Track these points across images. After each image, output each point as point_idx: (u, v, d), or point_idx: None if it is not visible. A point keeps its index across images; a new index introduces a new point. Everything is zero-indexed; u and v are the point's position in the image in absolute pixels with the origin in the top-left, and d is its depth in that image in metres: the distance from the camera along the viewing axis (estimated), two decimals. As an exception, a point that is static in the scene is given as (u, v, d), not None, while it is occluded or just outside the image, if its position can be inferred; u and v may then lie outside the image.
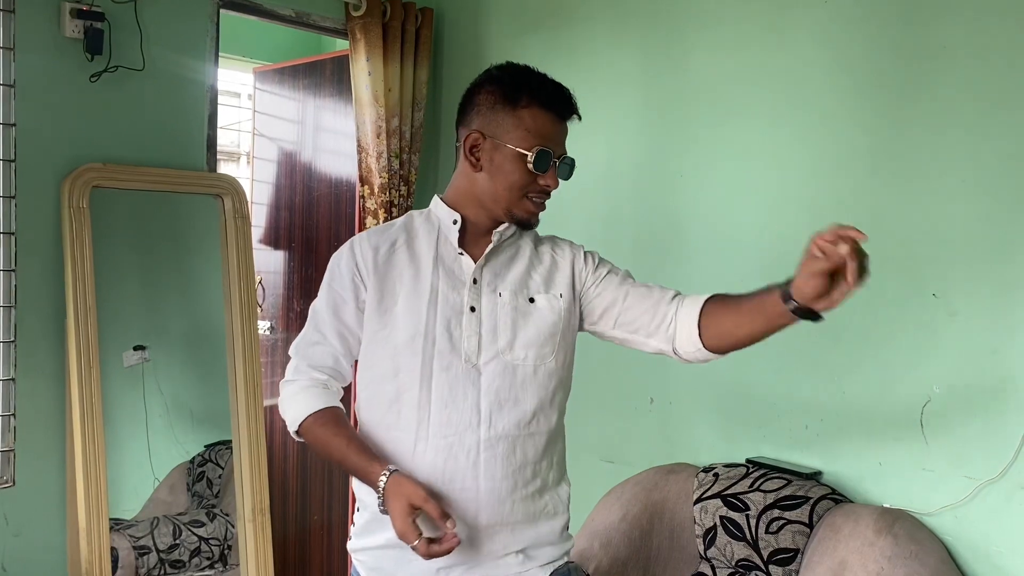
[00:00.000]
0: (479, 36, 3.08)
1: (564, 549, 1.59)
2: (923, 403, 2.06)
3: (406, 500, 1.35)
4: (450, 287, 1.52)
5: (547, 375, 1.53)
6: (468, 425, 1.47)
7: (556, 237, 1.66)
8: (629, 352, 2.67)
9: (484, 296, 1.52)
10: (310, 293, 3.29)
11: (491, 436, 1.47)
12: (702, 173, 2.49)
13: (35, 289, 2.40)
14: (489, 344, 1.50)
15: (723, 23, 2.44)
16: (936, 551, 1.95)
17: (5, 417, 2.39)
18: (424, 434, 1.47)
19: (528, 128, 1.48)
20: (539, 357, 1.52)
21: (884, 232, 2.13)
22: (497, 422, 1.48)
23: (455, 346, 1.49)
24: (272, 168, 3.59)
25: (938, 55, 2.04)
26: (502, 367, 1.49)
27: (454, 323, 1.49)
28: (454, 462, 1.46)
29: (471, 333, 1.49)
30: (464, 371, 1.48)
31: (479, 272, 1.53)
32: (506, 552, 1.50)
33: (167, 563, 2.71)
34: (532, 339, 1.51)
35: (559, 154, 1.52)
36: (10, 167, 2.35)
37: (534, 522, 1.52)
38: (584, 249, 1.64)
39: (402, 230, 1.59)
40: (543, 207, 1.56)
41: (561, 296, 1.56)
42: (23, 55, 2.34)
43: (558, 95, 1.52)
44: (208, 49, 2.72)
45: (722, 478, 2.22)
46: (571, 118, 1.54)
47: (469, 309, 1.51)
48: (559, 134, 1.53)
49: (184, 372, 2.88)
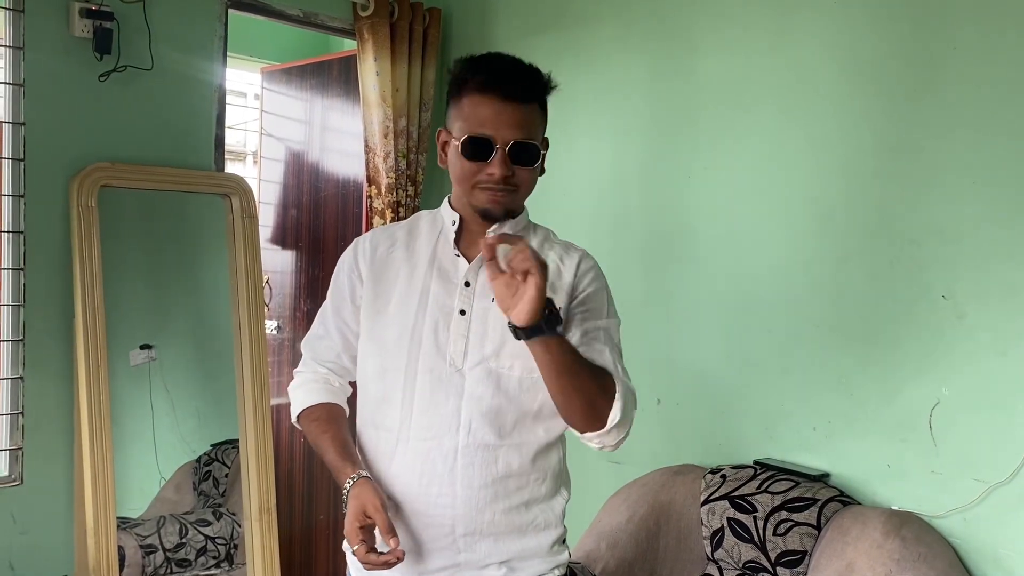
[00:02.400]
0: (487, 36, 3.08)
1: (554, 563, 1.54)
2: (932, 405, 2.05)
3: (360, 506, 1.36)
4: (443, 289, 1.49)
5: (532, 388, 1.46)
6: (447, 430, 1.44)
7: (571, 244, 1.57)
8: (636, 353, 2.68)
9: (476, 300, 1.48)
10: (317, 293, 3.29)
11: (469, 443, 1.44)
12: (710, 175, 2.49)
13: (44, 288, 2.41)
14: (475, 349, 1.46)
15: (731, 24, 2.44)
16: (945, 554, 1.94)
17: (13, 416, 2.40)
18: (405, 436, 1.47)
19: (465, 116, 1.41)
20: (526, 369, 1.44)
21: (892, 233, 2.13)
22: (477, 430, 1.44)
23: (440, 349, 1.46)
24: (279, 168, 3.59)
25: (948, 56, 2.04)
26: (486, 374, 1.45)
27: (442, 325, 1.47)
28: (431, 466, 1.45)
29: (458, 336, 1.46)
30: (448, 375, 1.45)
31: (473, 275, 1.49)
32: (488, 563, 1.47)
33: (173, 562, 2.72)
34: (520, 349, 1.41)
35: (506, 138, 1.39)
36: (19, 166, 2.36)
37: (520, 535, 1.49)
38: (593, 271, 1.53)
39: (405, 229, 1.58)
40: (499, 196, 1.43)
41: (559, 309, 1.47)
42: (33, 54, 2.35)
43: (499, 75, 1.40)
44: (216, 49, 2.73)
45: (729, 479, 2.22)
46: (524, 97, 1.40)
47: (459, 312, 1.47)
48: (502, 117, 1.39)
49: (190, 371, 2.88)
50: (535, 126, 1.44)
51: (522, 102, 1.41)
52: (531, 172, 1.44)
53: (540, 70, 1.45)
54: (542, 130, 1.47)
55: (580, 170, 2.79)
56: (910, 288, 2.09)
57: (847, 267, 2.21)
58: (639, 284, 2.62)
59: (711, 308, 2.48)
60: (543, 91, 1.45)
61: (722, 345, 2.46)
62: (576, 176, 2.80)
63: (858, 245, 2.19)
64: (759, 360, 2.39)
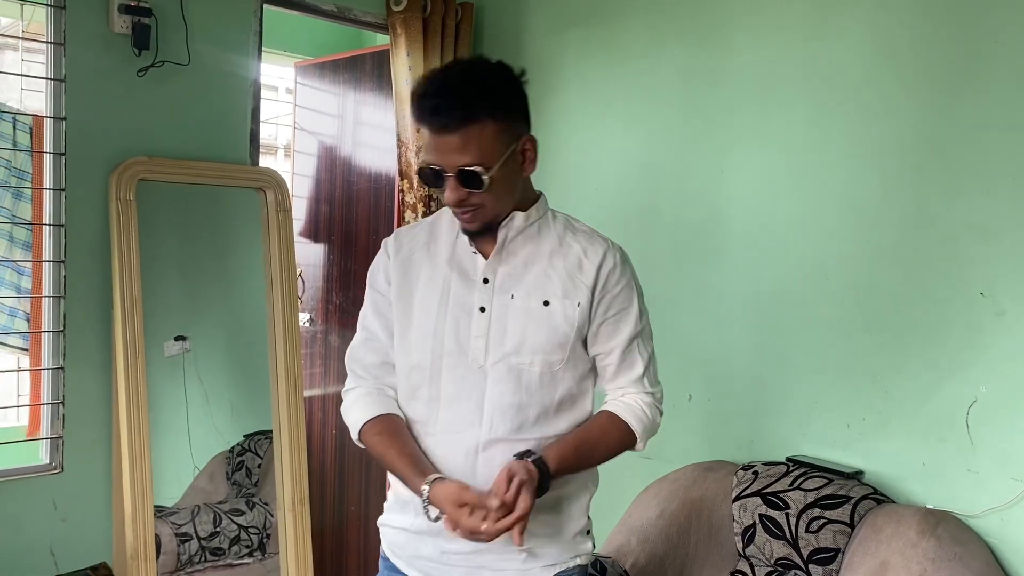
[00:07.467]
0: (519, 31, 3.08)
1: (574, 552, 1.56)
2: (969, 403, 2.03)
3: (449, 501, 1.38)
4: (463, 286, 1.51)
5: (552, 383, 1.49)
6: (470, 425, 1.48)
7: (595, 234, 1.56)
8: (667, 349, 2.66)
9: (496, 297, 1.49)
10: (349, 286, 3.31)
11: (491, 439, 1.47)
12: (743, 168, 2.47)
13: (83, 280, 2.45)
14: (496, 346, 1.48)
15: (764, 14, 2.41)
16: (981, 553, 1.92)
17: (54, 405, 2.45)
18: (432, 429, 1.51)
19: (423, 144, 1.46)
20: (546, 364, 1.48)
21: (930, 229, 2.10)
22: (498, 426, 1.47)
23: (462, 346, 1.49)
24: (312, 162, 3.62)
25: (989, 50, 2.00)
26: (507, 370, 1.47)
27: (463, 323, 1.49)
28: (453, 460, 1.48)
29: (479, 334, 1.48)
30: (470, 371, 1.48)
31: (491, 272, 1.50)
32: (509, 548, 1.49)
33: (208, 550, 2.76)
34: (541, 345, 1.47)
35: (451, 165, 1.39)
36: (60, 160, 2.40)
37: (543, 525, 1.51)
38: (619, 267, 1.52)
39: (427, 227, 1.60)
40: (465, 217, 1.46)
41: (579, 305, 1.49)
42: (73, 50, 2.39)
43: (426, 110, 1.38)
44: (251, 44, 2.75)
45: (762, 476, 2.21)
46: (458, 125, 1.36)
47: (479, 309, 1.49)
48: (442, 146, 1.39)
49: (224, 363, 2.92)
50: (481, 147, 1.39)
51: (456, 130, 1.37)
52: (489, 191, 1.41)
53: (486, 79, 1.41)
54: (502, 140, 1.41)
55: (612, 164, 2.79)
56: (947, 285, 2.06)
57: (882, 263, 2.18)
58: (670, 279, 2.61)
59: (743, 303, 2.47)
60: (488, 107, 1.38)
61: (754, 341, 2.45)
62: (608, 170, 2.80)
63: (894, 241, 2.16)
64: (792, 356, 2.37)
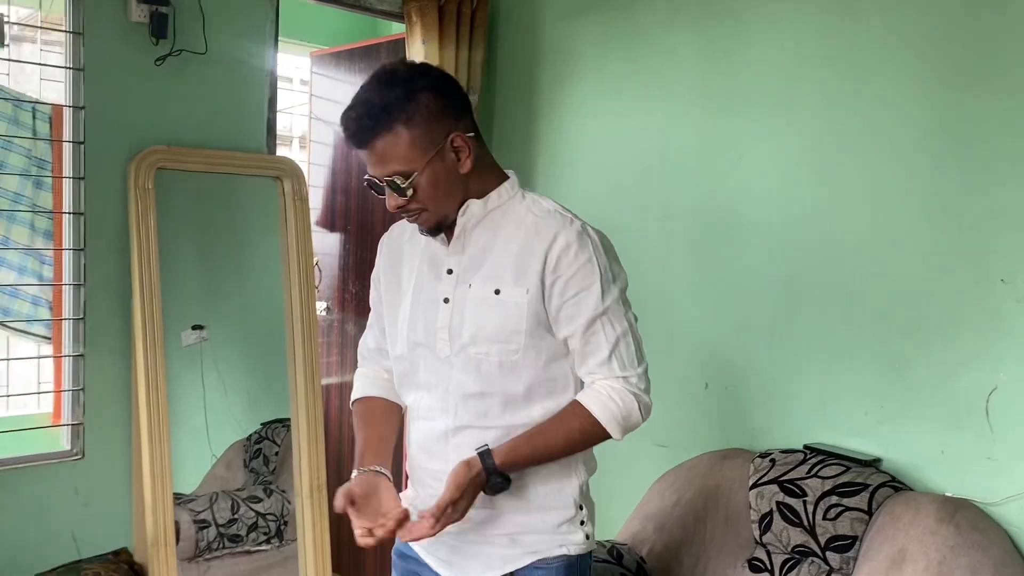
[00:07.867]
0: (535, 18, 3.07)
1: (560, 542, 1.53)
2: (989, 391, 2.01)
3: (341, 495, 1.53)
4: (432, 277, 1.54)
5: (514, 372, 1.47)
6: (441, 413, 1.53)
7: (555, 212, 1.49)
8: (683, 337, 2.66)
9: (457, 287, 1.51)
10: (365, 275, 3.32)
11: (457, 426, 1.51)
12: (761, 156, 2.46)
13: (103, 268, 2.47)
14: (456, 337, 1.50)
15: (783, 3, 2.39)
16: (1000, 541, 1.92)
17: (75, 392, 2.47)
18: (416, 415, 1.59)
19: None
20: (503, 353, 1.46)
21: (951, 216, 2.09)
22: (462, 414, 1.51)
23: (430, 337, 1.53)
24: (328, 151, 3.63)
25: (1010, 34, 1.98)
26: (467, 360, 1.49)
27: (431, 314, 1.53)
28: (430, 446, 1.55)
29: (443, 325, 1.51)
30: (439, 362, 1.53)
31: (454, 262, 1.52)
32: (493, 532, 1.53)
33: (226, 537, 2.78)
34: (494, 334, 1.46)
35: (380, 175, 1.43)
36: (79, 149, 2.42)
37: (524, 512, 1.52)
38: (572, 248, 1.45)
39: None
40: (413, 220, 1.50)
41: (528, 292, 1.45)
42: (91, 39, 2.40)
43: (342, 126, 1.43)
44: (268, 33, 2.76)
45: (779, 464, 2.21)
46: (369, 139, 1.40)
47: (443, 300, 1.52)
48: (367, 159, 1.44)
49: (241, 351, 2.93)
50: (398, 156, 1.40)
51: (370, 143, 1.41)
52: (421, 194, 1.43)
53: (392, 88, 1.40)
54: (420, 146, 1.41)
55: (628, 153, 2.78)
56: (967, 272, 2.05)
57: (901, 250, 2.17)
58: (687, 267, 2.61)
59: (761, 291, 2.46)
60: (395, 116, 1.39)
61: (771, 328, 2.44)
62: (624, 159, 2.79)
63: (913, 228, 2.15)
64: (809, 344, 2.36)
